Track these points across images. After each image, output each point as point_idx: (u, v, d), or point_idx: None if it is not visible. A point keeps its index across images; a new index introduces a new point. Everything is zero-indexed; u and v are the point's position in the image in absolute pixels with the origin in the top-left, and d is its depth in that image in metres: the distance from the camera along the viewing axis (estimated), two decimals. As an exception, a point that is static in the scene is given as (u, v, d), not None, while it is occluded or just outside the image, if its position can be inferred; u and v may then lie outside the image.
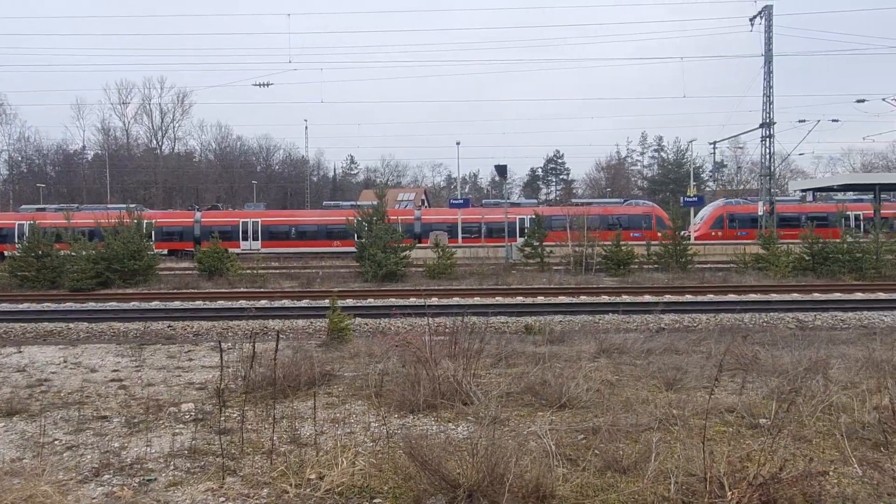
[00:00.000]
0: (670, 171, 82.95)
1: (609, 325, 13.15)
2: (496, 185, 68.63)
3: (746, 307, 14.74)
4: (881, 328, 12.36)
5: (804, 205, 44.38)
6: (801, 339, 10.57)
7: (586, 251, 24.72)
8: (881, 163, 72.87)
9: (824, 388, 6.67)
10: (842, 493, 4.49)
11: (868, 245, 22.51)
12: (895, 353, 8.52)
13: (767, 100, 36.60)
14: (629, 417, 6.05)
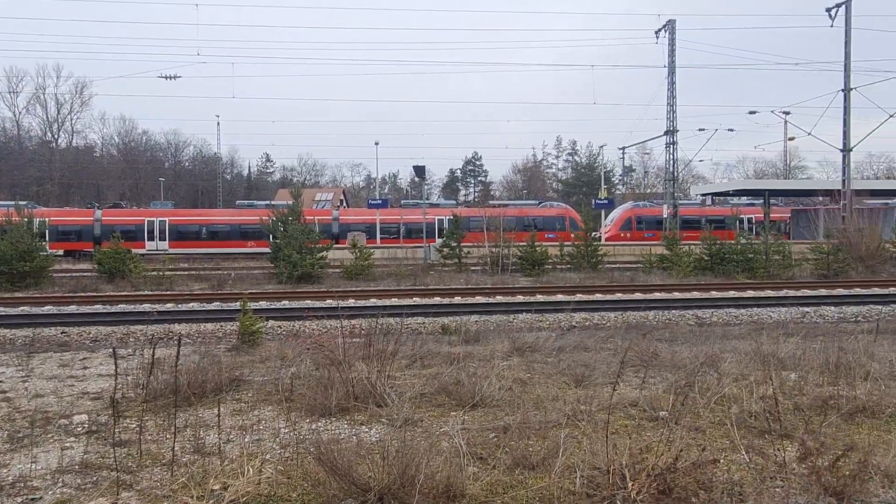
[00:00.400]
0: (583, 175, 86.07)
1: (523, 324, 13.46)
2: (416, 185, 68.79)
3: (651, 305, 15.51)
4: (769, 323, 13.34)
5: (704, 208, 47.23)
6: (698, 335, 11.25)
7: (503, 252, 25.20)
8: (771, 170, 78.67)
9: (718, 381, 7.11)
10: (730, 479, 4.79)
11: (758, 246, 24.24)
12: (780, 346, 9.23)
13: (671, 109, 38.70)
14: (539, 415, 6.20)
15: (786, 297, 17.06)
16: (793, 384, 7.32)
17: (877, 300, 16.62)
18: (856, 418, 6.23)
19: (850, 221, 26.67)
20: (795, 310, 15.18)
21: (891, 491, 4.66)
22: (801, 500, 4.51)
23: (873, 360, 8.07)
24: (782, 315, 14.63)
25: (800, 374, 7.74)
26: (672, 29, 37.71)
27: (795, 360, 8.36)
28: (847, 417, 6.22)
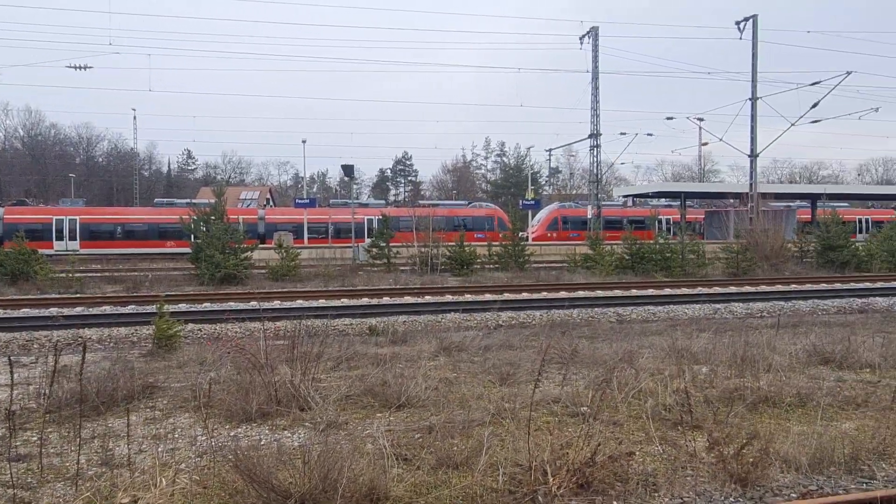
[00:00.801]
0: (511, 176, 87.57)
1: (451, 323, 13.55)
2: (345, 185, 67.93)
3: (575, 304, 15.95)
4: (684, 320, 14.01)
5: (626, 209, 49.07)
6: (619, 332, 11.66)
7: (432, 252, 25.28)
8: (687, 173, 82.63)
9: (635, 376, 7.38)
10: (645, 471, 4.98)
11: (675, 246, 25.42)
12: (693, 342, 9.70)
13: (595, 113, 39.92)
14: (464, 414, 6.25)
15: (699, 294, 17.96)
16: (704, 377, 7.69)
17: (779, 297, 17.76)
18: (759, 408, 6.63)
19: (757, 223, 28.38)
20: (708, 306, 16.01)
21: (789, 475, 4.98)
22: (709, 488, 4.74)
23: (775, 353, 8.61)
24: (696, 311, 15.39)
25: (711, 367, 8.15)
26: (595, 36, 38.92)
27: (707, 355, 8.80)
28: (751, 407, 6.60)
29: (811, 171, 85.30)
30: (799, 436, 5.55)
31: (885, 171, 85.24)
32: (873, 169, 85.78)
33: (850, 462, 5.14)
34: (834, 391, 7.08)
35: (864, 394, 6.96)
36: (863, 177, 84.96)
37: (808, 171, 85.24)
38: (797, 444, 5.30)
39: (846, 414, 6.41)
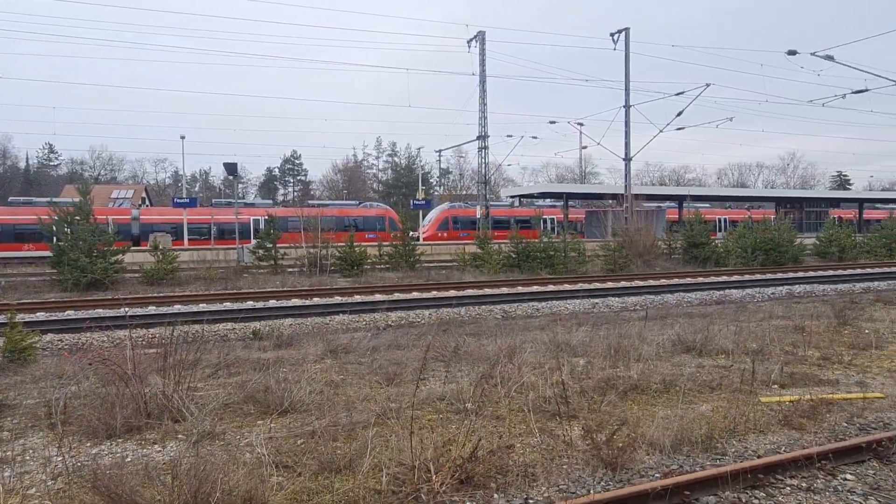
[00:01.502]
0: (402, 176, 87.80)
1: (339, 325, 13.33)
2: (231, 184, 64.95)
3: (463, 302, 16.25)
4: (565, 315, 14.66)
5: (513, 209, 50.67)
6: (504, 328, 12.00)
7: (321, 252, 24.77)
8: (570, 175, 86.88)
9: (518, 371, 7.62)
10: (525, 462, 5.16)
11: (558, 244, 26.61)
12: (572, 335, 10.18)
13: (483, 115, 40.90)
14: (350, 416, 6.17)
15: (580, 290, 18.89)
16: (581, 369, 8.10)
17: (650, 291, 19.10)
18: (630, 395, 7.07)
19: (631, 222, 30.33)
20: (587, 301, 16.88)
21: (654, 456, 5.35)
22: (583, 474, 4.99)
23: (644, 343, 9.23)
24: (577, 306, 16.18)
25: (588, 359, 8.59)
26: (482, 40, 39.88)
27: (585, 347, 9.26)
28: (623, 395, 7.03)
29: (679, 174, 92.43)
30: (663, 419, 5.97)
31: (739, 175, 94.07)
32: (730, 173, 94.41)
33: (706, 441, 5.60)
34: (694, 376, 7.69)
35: (719, 377, 7.62)
36: (722, 180, 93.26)
37: (676, 175, 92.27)
38: (661, 428, 5.69)
39: (704, 397, 6.98)
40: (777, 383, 7.53)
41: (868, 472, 5.02)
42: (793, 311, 13.62)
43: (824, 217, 49.06)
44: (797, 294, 18.83)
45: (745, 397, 6.85)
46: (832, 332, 10.74)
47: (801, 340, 10.08)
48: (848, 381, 7.74)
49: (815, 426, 6.02)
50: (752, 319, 12.57)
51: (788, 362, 8.52)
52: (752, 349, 9.20)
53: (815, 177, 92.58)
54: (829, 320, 11.77)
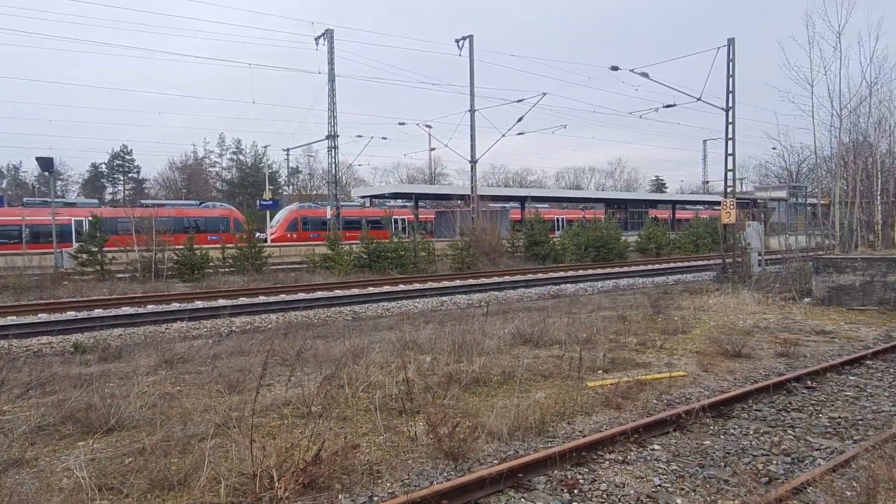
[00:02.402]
0: (249, 175, 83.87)
1: (177, 333, 12.47)
2: (47, 181, 57.94)
3: (313, 304, 15.96)
4: (414, 313, 14.97)
5: (364, 209, 50.54)
6: (354, 329, 11.99)
7: (156, 256, 22.98)
8: (420, 176, 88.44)
9: (365, 371, 7.67)
10: (370, 460, 5.22)
11: (409, 244, 27.05)
12: (420, 333, 10.44)
13: (332, 114, 40.32)
14: (186, 429, 5.84)
15: (429, 288, 19.37)
16: (428, 365, 8.33)
17: (495, 287, 20.09)
18: (472, 388, 7.40)
19: (477, 222, 31.64)
20: (436, 299, 17.37)
21: (493, 444, 5.66)
22: (427, 467, 5.16)
23: (487, 338, 9.70)
24: (426, 305, 16.57)
25: (434, 355, 8.85)
26: (331, 38, 39.32)
27: (431, 344, 9.53)
28: (466, 388, 7.35)
29: (522, 176, 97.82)
30: (502, 409, 6.34)
31: (575, 177, 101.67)
32: (567, 176, 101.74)
33: (540, 426, 6.04)
34: (531, 367, 8.23)
35: (552, 366, 8.23)
36: (559, 182, 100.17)
37: (519, 177, 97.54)
38: (500, 417, 6.05)
39: (538, 385, 7.50)
40: (602, 369, 8.30)
41: (671, 441, 5.71)
42: (617, 303, 15.04)
43: (645, 217, 54.60)
44: (622, 287, 20.80)
45: (574, 383, 7.48)
46: (648, 321, 12.02)
47: (623, 329, 11.20)
48: (659, 362, 8.72)
49: (632, 405, 6.73)
50: (583, 311, 13.70)
51: (612, 349, 9.43)
52: (582, 339, 10.04)
53: (637, 180, 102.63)
54: (646, 310, 13.16)
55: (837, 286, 14.34)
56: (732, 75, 21.31)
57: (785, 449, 5.48)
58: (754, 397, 6.93)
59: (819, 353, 9.37)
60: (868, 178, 18.24)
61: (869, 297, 13.84)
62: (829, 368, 8.14)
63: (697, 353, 9.26)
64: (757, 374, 8.14)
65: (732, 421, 6.26)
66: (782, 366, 8.58)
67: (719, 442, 5.67)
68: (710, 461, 5.23)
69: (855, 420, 6.24)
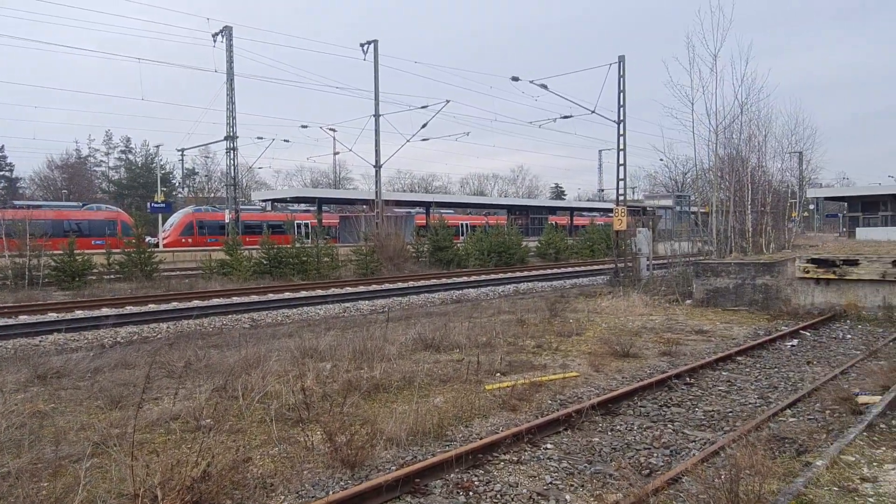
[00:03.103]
0: (139, 176, 78.97)
1: (53, 346, 11.51)
2: None
3: (208, 312, 15.25)
4: (316, 320, 14.68)
5: (266, 213, 49.01)
6: (251, 337, 11.57)
7: (31, 262, 21.11)
8: (325, 180, 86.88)
9: (262, 380, 7.44)
10: (263, 473, 5.07)
11: (311, 249, 26.49)
12: (320, 340, 10.25)
13: (231, 114, 38.84)
14: (59, 449, 5.41)
15: (332, 294, 19.06)
16: (328, 373, 8.19)
17: (399, 293, 20.09)
18: (373, 395, 7.37)
19: (382, 227, 31.52)
20: (339, 305, 17.10)
21: (392, 451, 5.66)
22: (323, 477, 5.07)
23: (388, 343, 9.69)
24: (328, 311, 16.28)
25: (334, 363, 8.72)
26: (230, 36, 37.89)
27: (332, 351, 9.39)
28: (366, 395, 7.30)
29: (427, 181, 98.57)
30: (401, 414, 6.35)
31: (479, 184, 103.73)
32: (471, 182, 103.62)
33: (438, 430, 6.10)
34: (431, 371, 8.31)
35: (452, 371, 8.35)
36: (464, 188, 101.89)
37: (425, 182, 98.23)
38: (399, 422, 6.05)
39: (438, 389, 7.58)
40: (500, 371, 8.51)
41: (563, 440, 5.95)
42: (517, 307, 15.47)
43: (545, 223, 56.61)
44: (522, 291, 21.43)
45: (472, 387, 7.62)
46: (546, 323, 12.46)
47: (522, 332, 11.54)
48: (554, 364, 9.06)
49: (527, 406, 6.95)
50: (484, 315, 13.98)
51: (510, 352, 9.69)
52: (482, 342, 10.25)
53: (539, 187, 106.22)
54: (544, 313, 13.63)
55: (715, 289, 15.52)
56: (623, 90, 22.58)
57: (665, 442, 5.86)
58: (639, 394, 7.35)
59: (697, 352, 10.09)
60: (741, 189, 19.88)
61: (741, 299, 15.08)
62: (705, 365, 8.79)
63: (590, 353, 9.71)
64: (643, 372, 8.65)
65: (619, 418, 6.62)
66: (665, 364, 9.17)
67: (607, 438, 5.97)
68: (598, 457, 5.50)
69: (726, 412, 6.78)
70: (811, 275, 14.18)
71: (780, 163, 26.19)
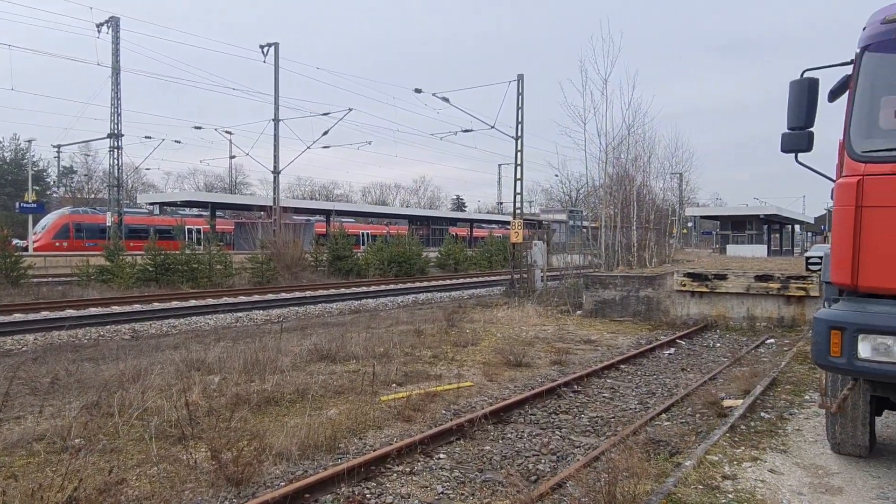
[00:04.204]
0: (7, 172, 72.01)
1: None
2: None
3: (83, 322, 14.13)
4: (206, 330, 14.01)
5: (153, 217, 46.25)
6: (132, 349, 10.87)
7: None
8: (220, 184, 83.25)
9: (142, 396, 7.00)
10: (140, 495, 4.75)
11: (203, 256, 25.25)
12: (209, 352, 9.79)
13: (116, 111, 36.44)
14: None
15: (224, 304, 18.25)
16: (216, 386, 7.84)
17: (296, 303, 19.58)
18: (264, 408, 7.12)
19: (280, 235, 30.63)
20: (231, 315, 16.41)
21: (281, 466, 5.49)
22: (206, 496, 4.83)
23: (283, 355, 9.42)
24: (219, 321, 15.56)
25: (223, 376, 8.36)
26: (116, 27, 35.58)
27: (221, 363, 8.99)
28: (257, 409, 7.04)
29: (328, 189, 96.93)
30: (293, 428, 6.19)
31: (381, 193, 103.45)
32: (374, 191, 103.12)
33: (331, 443, 6.00)
34: (326, 383, 8.16)
35: (347, 382, 8.24)
36: (366, 197, 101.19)
37: (326, 190, 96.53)
38: (290, 436, 5.89)
39: (333, 401, 7.46)
40: (396, 382, 8.50)
41: (456, 449, 6.03)
42: (416, 317, 15.55)
43: (446, 234, 57.34)
44: (421, 301, 21.56)
45: (368, 398, 7.56)
46: (443, 334, 12.60)
47: (419, 342, 11.60)
48: (450, 374, 9.18)
49: (422, 416, 6.98)
50: (382, 326, 13.93)
51: (407, 362, 9.71)
52: (379, 353, 10.20)
53: (440, 198, 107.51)
54: (441, 323, 13.78)
55: (603, 300, 16.37)
56: (521, 107, 23.41)
57: (552, 448, 6.09)
58: (530, 403, 7.60)
59: (585, 360, 10.59)
60: (628, 206, 21.16)
61: (626, 310, 16.00)
62: (592, 374, 9.23)
63: (485, 363, 9.92)
64: (534, 381, 8.94)
65: (511, 426, 6.80)
66: (556, 372, 9.54)
67: (498, 447, 6.12)
68: (489, 465, 5.62)
69: (608, 418, 7.15)
70: (687, 287, 15.30)
71: (663, 182, 28.20)
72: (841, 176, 4.40)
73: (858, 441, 5.00)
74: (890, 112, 4.41)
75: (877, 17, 4.36)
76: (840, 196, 4.28)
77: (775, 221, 46.78)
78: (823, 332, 4.10)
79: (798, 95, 4.48)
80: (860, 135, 4.32)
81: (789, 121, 4.53)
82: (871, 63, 4.34)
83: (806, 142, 4.50)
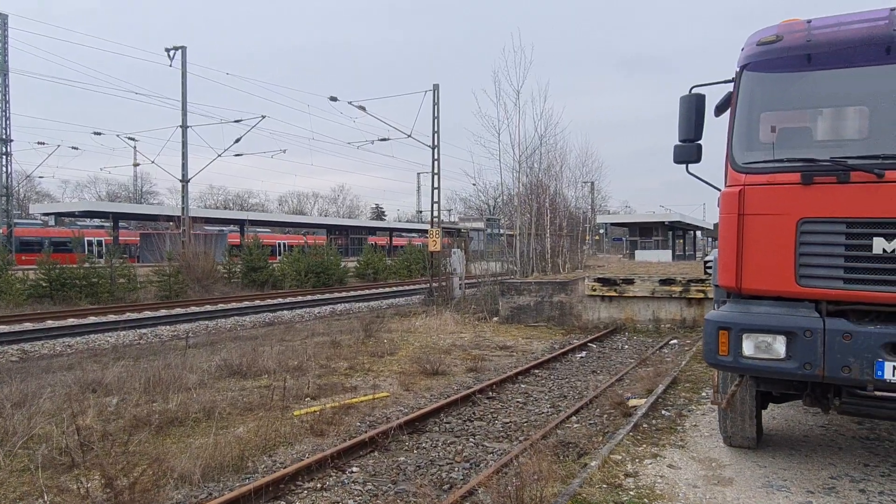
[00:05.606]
0: None
1: None
2: None
3: (-36, 344, 12.93)
4: (106, 349, 13.16)
5: (48, 229, 43.18)
6: (20, 371, 10.05)
7: None
8: (124, 193, 78.78)
9: (28, 422, 6.48)
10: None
11: (104, 270, 23.76)
12: (107, 372, 9.20)
13: (4, 114, 33.82)
14: None
15: (127, 320, 17.22)
16: (113, 408, 7.38)
17: (206, 317, 18.77)
18: (166, 429, 6.76)
19: (189, 246, 29.33)
20: (134, 332, 15.49)
21: (183, 490, 5.23)
22: (99, 527, 4.52)
23: (189, 372, 9.00)
24: (121, 339, 14.66)
25: (122, 396, 7.88)
26: (4, 25, 33.13)
27: (120, 384, 8.47)
28: (158, 430, 6.68)
29: (243, 198, 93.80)
30: (198, 449, 5.91)
31: (298, 202, 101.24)
32: (290, 200, 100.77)
33: (238, 462, 5.78)
34: (235, 400, 7.86)
35: (259, 398, 7.97)
36: (283, 206, 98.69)
37: (240, 199, 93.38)
38: (194, 458, 5.62)
39: (242, 419, 7.19)
40: (310, 396, 8.31)
41: (370, 462, 5.96)
42: (332, 328, 15.28)
43: (365, 243, 56.85)
44: (339, 312, 21.23)
45: (279, 413, 7.34)
46: (360, 344, 12.45)
47: (335, 354, 11.40)
48: (366, 385, 9.07)
49: (336, 430, 6.85)
50: (297, 338, 13.59)
51: (322, 375, 9.52)
52: (293, 366, 9.94)
53: (359, 207, 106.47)
54: (359, 334, 13.61)
55: (518, 306, 16.71)
56: (437, 117, 23.62)
57: (466, 456, 6.13)
58: (446, 411, 7.63)
59: (501, 366, 10.76)
60: (542, 214, 21.76)
61: (540, 315, 16.42)
62: (507, 379, 9.39)
63: (401, 373, 9.87)
64: (450, 389, 8.99)
65: (426, 435, 6.79)
66: (471, 380, 9.63)
67: (412, 457, 6.10)
68: (403, 476, 5.59)
69: (522, 423, 7.29)
70: (598, 292, 15.88)
71: (575, 190, 29.13)
72: (726, 186, 4.71)
73: (747, 434, 5.34)
74: (768, 127, 4.76)
75: (753, 39, 4.70)
76: (724, 205, 4.57)
77: (679, 228, 49.49)
78: (713, 332, 4.35)
79: (687, 110, 4.75)
80: (742, 147, 4.63)
81: (680, 133, 4.81)
82: (749, 81, 4.67)
83: (695, 153, 4.78)
